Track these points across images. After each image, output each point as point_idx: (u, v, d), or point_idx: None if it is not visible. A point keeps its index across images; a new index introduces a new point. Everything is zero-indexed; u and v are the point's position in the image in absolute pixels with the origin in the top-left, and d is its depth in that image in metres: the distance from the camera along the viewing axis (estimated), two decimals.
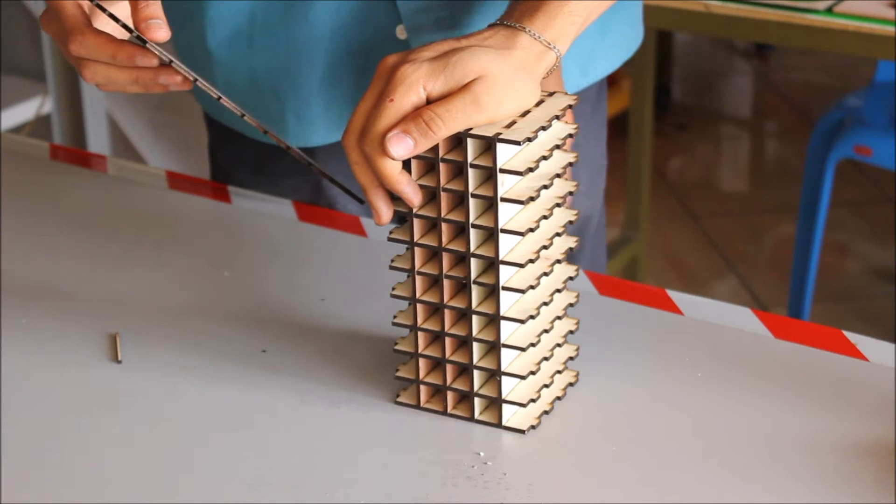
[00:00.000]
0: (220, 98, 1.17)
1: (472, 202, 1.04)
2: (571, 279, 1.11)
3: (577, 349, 1.14)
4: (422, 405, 1.12)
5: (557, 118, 1.06)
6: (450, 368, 1.10)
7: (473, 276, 1.07)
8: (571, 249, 1.10)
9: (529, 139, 1.03)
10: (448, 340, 1.10)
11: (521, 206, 1.06)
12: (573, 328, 1.14)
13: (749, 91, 4.50)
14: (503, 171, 1.03)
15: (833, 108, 2.77)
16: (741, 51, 4.65)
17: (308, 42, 1.37)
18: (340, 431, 1.10)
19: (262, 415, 1.12)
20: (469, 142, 1.03)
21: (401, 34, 1.36)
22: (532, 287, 1.06)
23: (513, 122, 1.04)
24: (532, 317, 1.07)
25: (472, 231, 1.05)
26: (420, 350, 1.11)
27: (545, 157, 1.05)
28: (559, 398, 1.12)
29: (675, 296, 1.25)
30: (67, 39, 1.18)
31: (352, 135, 1.06)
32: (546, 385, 1.11)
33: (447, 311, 1.09)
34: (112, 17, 1.15)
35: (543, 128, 1.04)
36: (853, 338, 1.18)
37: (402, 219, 1.08)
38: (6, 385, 1.16)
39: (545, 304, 1.08)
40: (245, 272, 1.32)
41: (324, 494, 1.03)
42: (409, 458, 1.07)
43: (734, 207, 3.71)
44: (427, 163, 1.05)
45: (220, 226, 1.44)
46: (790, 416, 1.10)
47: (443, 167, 1.04)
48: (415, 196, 1.05)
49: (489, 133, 1.03)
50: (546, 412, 1.11)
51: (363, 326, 1.22)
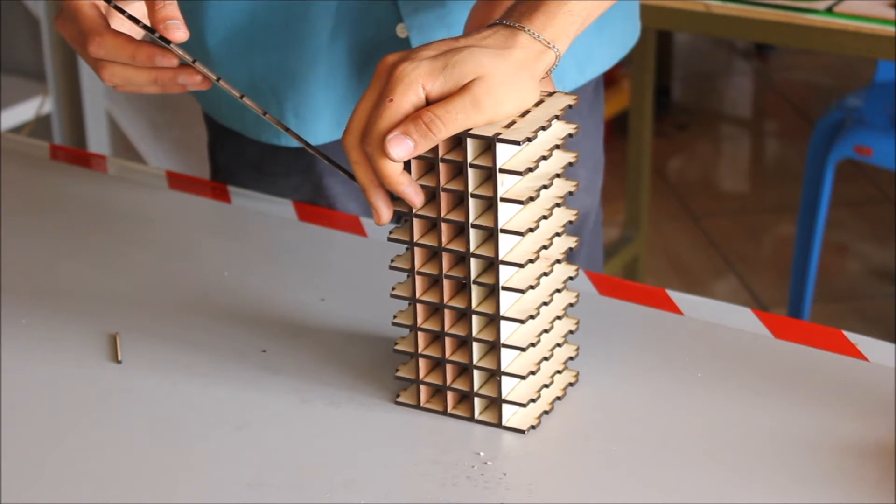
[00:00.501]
0: (243, 97, 1.17)
1: (472, 202, 1.04)
2: (571, 279, 1.11)
3: (577, 349, 1.14)
4: (422, 405, 1.12)
5: (557, 118, 1.06)
6: (450, 368, 1.10)
7: (473, 276, 1.07)
8: (571, 249, 1.10)
9: (529, 139, 1.03)
10: (448, 340, 1.09)
11: (521, 206, 1.06)
12: (573, 328, 1.14)
13: (749, 91, 4.50)
14: (503, 171, 1.03)
15: (833, 108, 2.76)
16: (741, 51, 4.65)
17: (308, 41, 1.37)
18: (340, 431, 1.10)
19: (262, 415, 1.12)
20: (469, 142, 1.03)
21: (401, 33, 1.35)
22: (532, 287, 1.06)
23: (512, 122, 1.04)
24: (532, 317, 1.07)
25: (472, 231, 1.05)
26: (420, 350, 1.11)
27: (545, 157, 1.05)
28: (559, 398, 1.12)
29: (675, 296, 1.25)
30: (86, 41, 1.18)
31: (352, 134, 1.06)
32: (546, 385, 1.11)
33: (447, 311, 1.09)
34: (132, 19, 1.16)
35: (543, 128, 1.04)
36: (853, 338, 1.18)
37: (401, 218, 1.08)
38: (6, 385, 1.16)
39: (545, 304, 1.08)
40: (245, 272, 1.32)
41: (324, 494, 1.03)
42: (409, 458, 1.06)
43: (734, 207, 3.70)
44: (427, 163, 1.05)
45: (220, 226, 1.44)
46: (790, 416, 1.09)
47: (442, 167, 1.04)
48: (416, 197, 1.05)
49: (489, 133, 1.02)
50: (546, 412, 1.11)
51: (363, 326, 1.22)
